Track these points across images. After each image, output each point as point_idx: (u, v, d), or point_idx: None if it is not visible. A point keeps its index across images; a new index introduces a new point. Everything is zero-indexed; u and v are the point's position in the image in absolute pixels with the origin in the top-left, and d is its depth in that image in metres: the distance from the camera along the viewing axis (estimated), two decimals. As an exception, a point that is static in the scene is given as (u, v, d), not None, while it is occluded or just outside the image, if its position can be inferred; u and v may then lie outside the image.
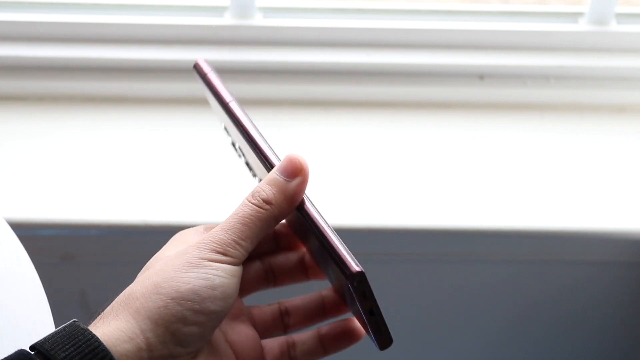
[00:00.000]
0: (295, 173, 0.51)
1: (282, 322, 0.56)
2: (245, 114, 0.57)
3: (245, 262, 0.52)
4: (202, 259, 0.49)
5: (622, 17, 1.06)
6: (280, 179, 0.51)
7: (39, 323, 0.61)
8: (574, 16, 1.07)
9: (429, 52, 1.05)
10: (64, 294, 1.01)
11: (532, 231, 0.96)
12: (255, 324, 0.56)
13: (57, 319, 0.64)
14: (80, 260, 0.99)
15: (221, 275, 0.49)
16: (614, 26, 1.05)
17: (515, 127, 1.05)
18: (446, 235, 0.95)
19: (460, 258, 1.01)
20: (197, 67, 0.58)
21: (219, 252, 0.50)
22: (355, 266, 0.49)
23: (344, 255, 0.50)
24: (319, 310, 0.56)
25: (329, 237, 0.50)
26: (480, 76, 1.06)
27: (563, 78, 1.06)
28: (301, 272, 0.57)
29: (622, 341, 1.12)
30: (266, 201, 0.51)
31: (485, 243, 0.97)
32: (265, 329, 0.56)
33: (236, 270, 0.50)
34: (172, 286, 0.48)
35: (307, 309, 0.56)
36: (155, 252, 0.54)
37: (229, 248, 0.50)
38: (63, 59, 1.04)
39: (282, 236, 0.58)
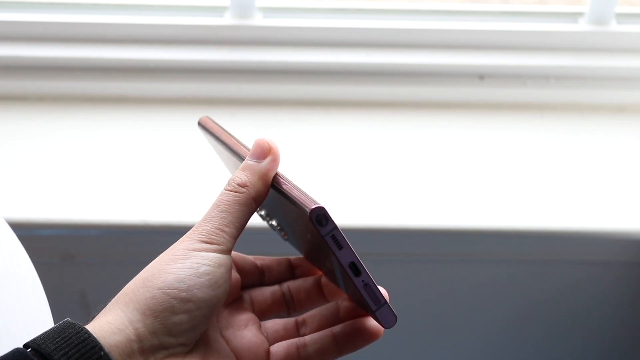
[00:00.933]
0: (265, 154, 0.53)
1: (298, 332, 0.56)
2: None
3: (263, 287, 0.55)
4: (188, 250, 0.50)
5: (622, 17, 1.06)
6: (252, 162, 0.53)
7: (39, 323, 0.61)
8: (574, 16, 1.07)
9: (429, 52, 1.05)
10: (64, 294, 1.01)
11: (532, 231, 0.96)
12: (267, 335, 0.55)
13: (57, 319, 0.64)
14: (80, 260, 0.98)
15: (207, 263, 0.49)
16: (614, 26, 1.05)
17: (515, 127, 1.05)
18: (446, 235, 0.95)
19: (460, 258, 1.01)
20: (201, 124, 0.60)
21: (203, 242, 0.50)
22: (313, 203, 0.49)
23: (303, 199, 0.49)
24: (333, 318, 0.55)
25: (292, 190, 0.50)
26: (480, 76, 1.06)
27: (563, 78, 1.06)
28: (318, 293, 0.57)
29: (622, 341, 1.12)
30: (241, 185, 0.52)
31: (485, 243, 0.97)
32: (278, 338, 0.56)
33: (223, 258, 0.50)
34: (159, 277, 0.49)
35: (322, 317, 0.55)
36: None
37: (213, 236, 0.50)
38: (63, 59, 1.04)
39: (299, 267, 0.59)
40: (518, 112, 1.07)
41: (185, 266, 0.49)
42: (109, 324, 0.48)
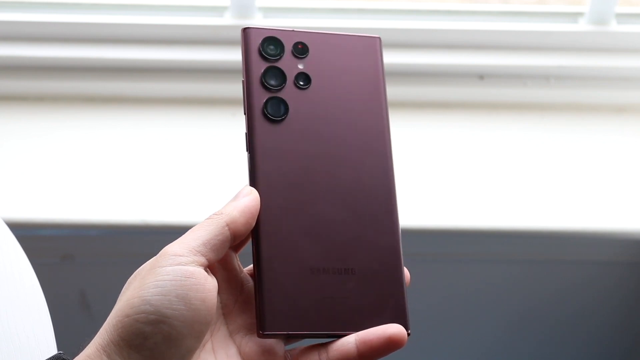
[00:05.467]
0: (244, 194, 0.53)
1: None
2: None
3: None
4: (153, 268, 0.48)
5: (622, 17, 1.06)
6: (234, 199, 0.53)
7: (37, 324, 0.61)
8: (574, 16, 1.07)
9: (429, 52, 1.05)
10: (64, 294, 1.01)
11: (532, 231, 0.96)
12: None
13: (56, 319, 0.64)
14: (80, 260, 0.99)
15: (173, 278, 0.47)
16: (614, 26, 1.05)
17: (515, 127, 1.05)
18: (446, 235, 0.95)
19: (460, 258, 1.01)
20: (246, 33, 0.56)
21: (169, 256, 0.49)
22: (265, 327, 0.50)
23: (262, 310, 0.50)
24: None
25: (261, 282, 0.51)
26: (480, 76, 1.06)
27: (563, 78, 1.06)
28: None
29: (622, 341, 1.12)
30: (216, 213, 0.52)
31: (485, 243, 0.97)
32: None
33: (190, 271, 0.48)
34: (128, 304, 0.47)
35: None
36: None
37: (177, 250, 0.49)
38: (63, 59, 1.04)
39: None
40: (518, 112, 1.07)
41: (150, 286, 0.47)
42: (89, 358, 0.47)
